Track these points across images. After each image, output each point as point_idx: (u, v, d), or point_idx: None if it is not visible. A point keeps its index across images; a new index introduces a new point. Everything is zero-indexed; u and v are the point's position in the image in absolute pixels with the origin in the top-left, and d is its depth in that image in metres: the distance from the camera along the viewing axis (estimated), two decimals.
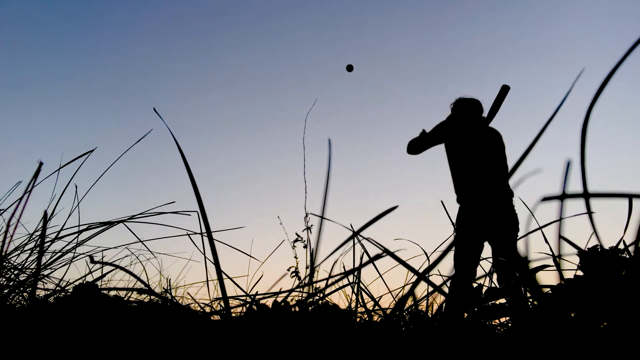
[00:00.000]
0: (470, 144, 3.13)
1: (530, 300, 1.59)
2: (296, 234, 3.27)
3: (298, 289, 2.90)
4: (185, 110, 9.33)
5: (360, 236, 3.01)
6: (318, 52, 9.10)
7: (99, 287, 1.72)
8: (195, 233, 2.04)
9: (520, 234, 3.07)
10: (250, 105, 9.30)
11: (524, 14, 8.47)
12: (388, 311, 2.86)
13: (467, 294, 2.83)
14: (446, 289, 3.27)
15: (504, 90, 3.13)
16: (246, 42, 9.19)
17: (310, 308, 1.35)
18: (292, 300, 3.14)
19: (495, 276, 2.96)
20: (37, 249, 1.93)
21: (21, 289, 1.83)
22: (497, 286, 1.82)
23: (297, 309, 1.37)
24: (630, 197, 0.72)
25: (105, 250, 2.47)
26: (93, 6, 8.99)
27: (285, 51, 9.11)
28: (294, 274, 3.29)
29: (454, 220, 3.08)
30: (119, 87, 9.39)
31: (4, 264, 1.86)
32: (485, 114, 3.26)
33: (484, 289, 1.69)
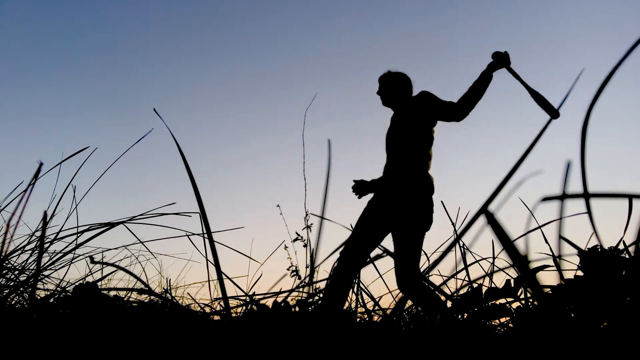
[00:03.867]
0: (397, 123, 2.90)
1: (531, 300, 1.60)
2: (296, 232, 3.27)
3: (298, 289, 2.90)
4: (186, 110, 9.33)
5: None
6: (317, 48, 9.10)
7: (99, 287, 1.73)
8: (195, 234, 2.04)
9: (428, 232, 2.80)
10: (250, 105, 9.30)
11: (523, 13, 8.48)
12: (388, 311, 2.86)
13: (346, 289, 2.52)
14: (447, 290, 3.23)
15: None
16: (244, 40, 9.19)
17: (310, 308, 1.35)
18: (292, 300, 3.14)
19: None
20: (37, 249, 1.93)
21: (21, 289, 1.83)
22: (497, 287, 1.82)
23: (297, 309, 1.38)
24: (630, 197, 0.72)
25: (105, 251, 2.47)
26: (93, 5, 8.99)
27: (284, 48, 9.11)
28: (294, 274, 3.29)
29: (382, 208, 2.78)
30: (119, 87, 9.39)
31: (4, 264, 1.86)
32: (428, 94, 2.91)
33: (484, 289, 1.69)
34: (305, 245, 3.19)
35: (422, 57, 8.88)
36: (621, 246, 1.54)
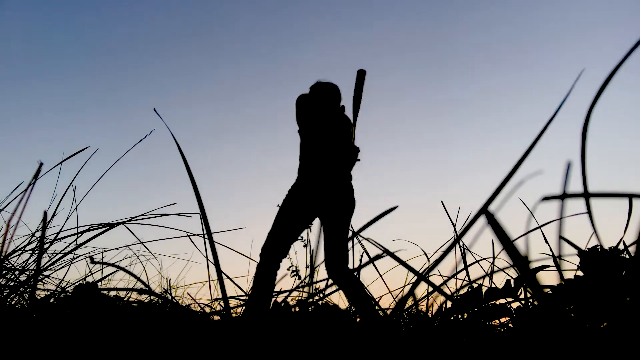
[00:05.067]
0: (323, 127, 3.03)
1: (531, 300, 1.60)
2: None
3: (298, 289, 2.90)
4: (186, 110, 9.33)
5: (360, 236, 3.01)
6: (317, 47, 9.10)
7: (100, 287, 1.73)
8: (196, 234, 2.04)
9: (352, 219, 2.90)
10: (251, 105, 9.31)
11: (523, 14, 8.48)
12: (388, 311, 2.86)
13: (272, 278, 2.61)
14: (447, 290, 3.23)
15: (361, 75, 3.15)
16: (244, 39, 9.20)
17: (310, 308, 1.35)
18: (292, 300, 3.14)
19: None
20: (37, 250, 1.93)
21: (21, 289, 1.83)
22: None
23: (297, 309, 1.38)
24: (630, 197, 0.72)
25: (105, 251, 2.47)
26: (94, 5, 8.99)
27: (284, 47, 9.12)
28: (294, 274, 3.29)
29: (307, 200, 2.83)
30: (119, 87, 9.39)
31: (4, 264, 1.86)
32: (348, 103, 3.23)
33: (484, 289, 1.69)
34: (305, 246, 3.19)
35: (422, 56, 8.88)
36: (621, 246, 1.54)
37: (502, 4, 8.52)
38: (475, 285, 2.27)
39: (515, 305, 3.13)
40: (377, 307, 2.88)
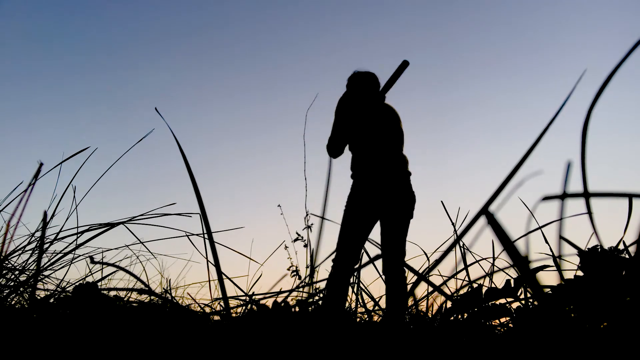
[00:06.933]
0: (366, 117, 3.04)
1: (531, 300, 1.60)
2: (297, 232, 3.27)
3: (298, 289, 2.91)
4: (186, 110, 9.33)
5: None
6: (318, 47, 9.10)
7: (99, 287, 1.73)
8: (195, 234, 2.04)
9: (412, 218, 2.95)
10: (251, 105, 9.31)
11: (523, 14, 8.48)
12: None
13: (346, 280, 2.69)
14: (447, 290, 3.23)
15: (403, 65, 3.14)
16: (245, 39, 9.20)
17: (310, 308, 1.35)
18: (292, 300, 3.14)
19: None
20: (37, 250, 1.93)
21: (21, 289, 1.83)
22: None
23: (297, 309, 1.38)
24: (630, 197, 0.72)
25: (105, 251, 2.47)
26: (94, 4, 8.99)
27: (285, 47, 9.12)
28: (294, 274, 3.29)
29: (363, 201, 2.89)
30: (119, 87, 9.39)
31: (4, 264, 1.86)
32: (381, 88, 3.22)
33: (484, 289, 1.69)
34: (305, 246, 3.19)
35: (422, 55, 8.88)
36: (621, 246, 1.54)
37: (503, 4, 8.52)
38: (475, 285, 2.27)
39: (515, 305, 3.13)
40: (377, 307, 2.88)
